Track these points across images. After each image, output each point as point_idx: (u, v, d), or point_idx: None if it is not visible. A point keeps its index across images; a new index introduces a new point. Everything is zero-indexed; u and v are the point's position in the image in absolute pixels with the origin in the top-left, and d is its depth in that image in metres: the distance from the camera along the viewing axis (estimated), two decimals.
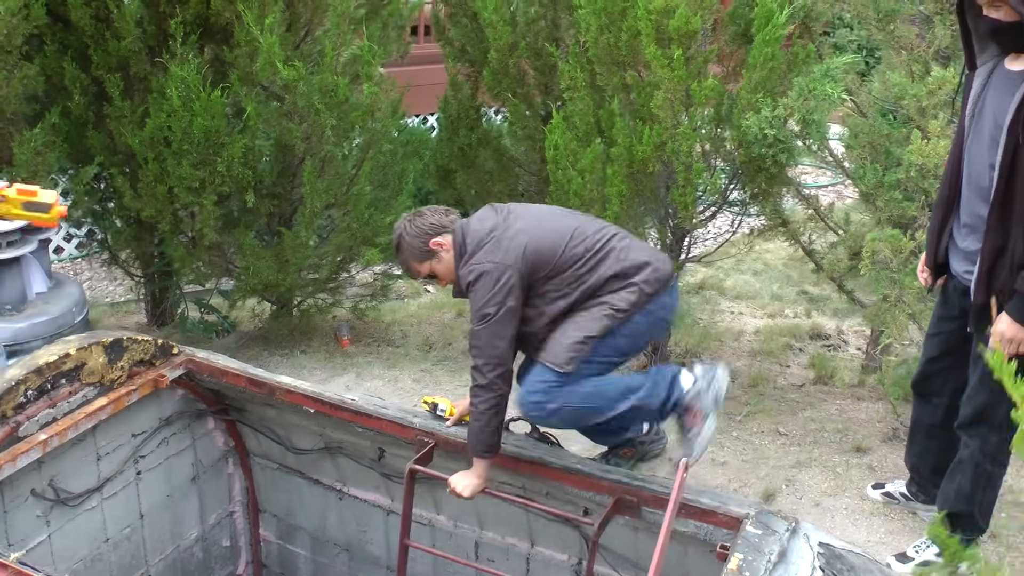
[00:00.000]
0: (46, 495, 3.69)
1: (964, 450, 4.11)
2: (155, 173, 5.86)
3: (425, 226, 3.71)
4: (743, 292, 7.80)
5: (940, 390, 4.33)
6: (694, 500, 3.39)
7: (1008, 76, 3.70)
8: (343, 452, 4.22)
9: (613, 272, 3.62)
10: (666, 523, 2.93)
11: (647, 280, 3.61)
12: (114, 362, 3.88)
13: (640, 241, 3.86)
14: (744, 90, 5.04)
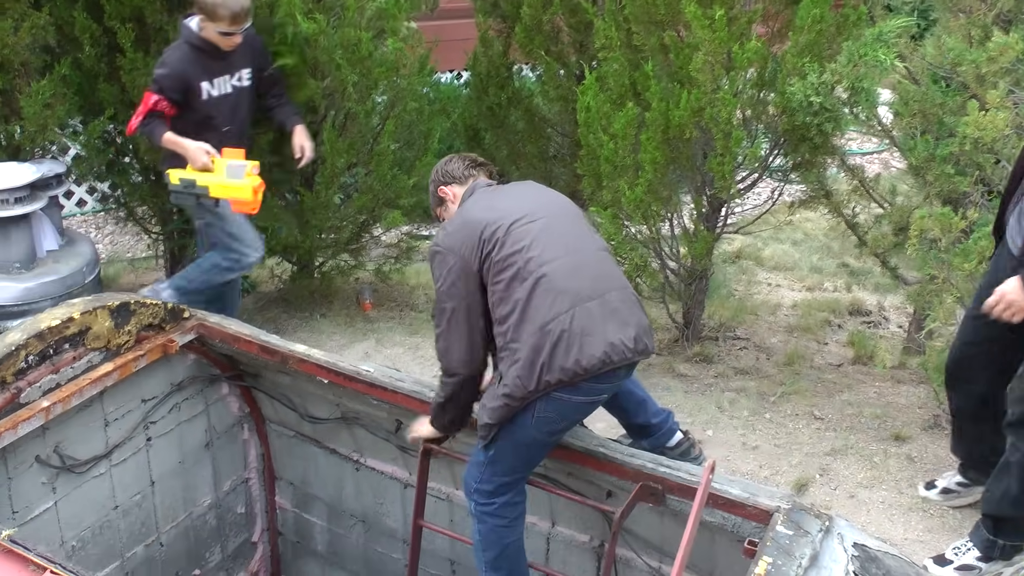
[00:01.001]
0: (51, 462, 3.61)
1: (1013, 453, 3.88)
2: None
3: (445, 170, 3.56)
4: (781, 263, 7.53)
5: (975, 377, 4.13)
6: (723, 490, 3.23)
7: None
8: (359, 423, 4.11)
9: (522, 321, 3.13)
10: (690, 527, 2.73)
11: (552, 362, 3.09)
12: (121, 326, 3.78)
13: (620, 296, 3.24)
14: (790, 53, 4.76)
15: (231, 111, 5.17)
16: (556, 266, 3.13)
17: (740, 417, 5.09)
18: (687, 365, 5.62)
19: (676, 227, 5.51)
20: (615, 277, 3.25)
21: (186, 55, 4.98)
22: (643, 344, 3.16)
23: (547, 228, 3.22)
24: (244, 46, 5.08)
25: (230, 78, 5.13)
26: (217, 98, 5.10)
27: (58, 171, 5.58)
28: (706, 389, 5.38)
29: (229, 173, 4.90)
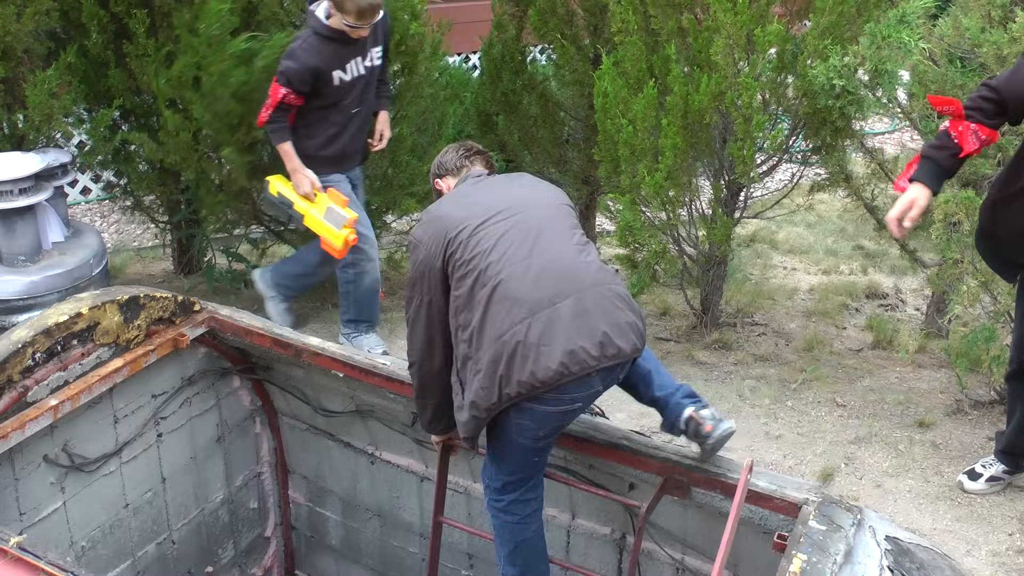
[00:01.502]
0: (60, 461, 3.55)
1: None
2: (177, 121, 5.56)
3: (440, 162, 3.49)
4: (796, 246, 7.46)
5: None
6: (750, 483, 3.13)
7: None
8: (375, 416, 4.05)
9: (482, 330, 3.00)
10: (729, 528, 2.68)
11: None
12: (130, 321, 3.71)
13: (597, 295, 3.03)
14: (811, 36, 4.66)
15: (361, 93, 5.06)
16: (516, 270, 2.99)
17: (762, 405, 5.02)
18: (706, 352, 5.55)
19: (694, 212, 5.43)
20: (589, 275, 3.02)
21: (314, 46, 4.83)
22: (615, 349, 2.92)
23: (515, 227, 3.08)
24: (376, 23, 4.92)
25: (362, 60, 4.99)
26: (349, 82, 4.98)
27: (63, 161, 5.48)
28: (726, 377, 5.31)
29: (329, 216, 4.93)
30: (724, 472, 3.20)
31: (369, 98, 5.14)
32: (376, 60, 5.05)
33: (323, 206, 4.96)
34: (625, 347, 2.94)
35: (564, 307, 2.93)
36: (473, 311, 2.99)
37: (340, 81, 4.91)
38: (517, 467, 3.21)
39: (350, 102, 5.01)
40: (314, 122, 5.03)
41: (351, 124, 5.08)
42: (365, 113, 5.14)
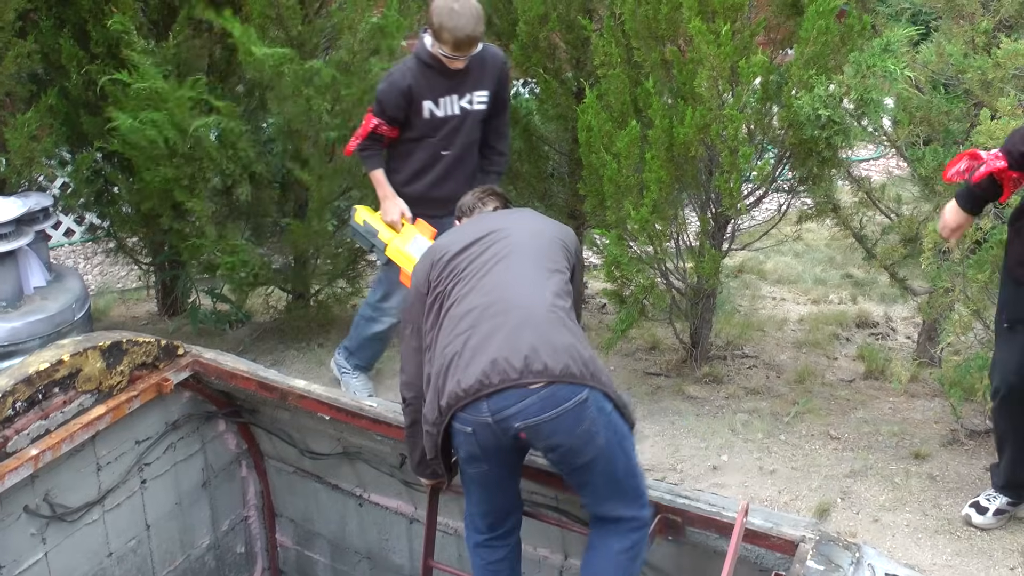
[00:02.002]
0: (41, 511, 3.48)
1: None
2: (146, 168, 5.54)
3: (459, 204, 3.61)
4: (784, 276, 7.42)
5: None
6: (745, 520, 3.09)
7: None
8: (362, 458, 3.99)
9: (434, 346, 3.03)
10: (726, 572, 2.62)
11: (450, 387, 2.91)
12: (113, 367, 3.66)
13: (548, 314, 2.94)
14: (795, 66, 4.63)
15: (453, 134, 4.77)
16: (471, 288, 2.99)
17: (755, 440, 4.95)
18: (697, 386, 5.49)
19: (681, 244, 5.39)
20: (539, 298, 2.93)
21: (411, 69, 4.65)
22: (540, 365, 2.77)
23: (488, 251, 3.09)
24: (484, 64, 4.71)
25: (459, 98, 4.72)
26: (440, 119, 4.73)
27: (45, 204, 5.42)
28: (718, 411, 5.25)
29: (415, 247, 4.61)
30: (719, 511, 3.14)
31: (467, 145, 4.84)
32: (478, 104, 4.77)
33: (409, 236, 4.69)
34: (554, 366, 2.78)
35: (503, 322, 2.87)
36: (433, 329, 3.02)
37: (431, 114, 4.70)
38: (477, 499, 3.14)
39: (439, 141, 4.77)
40: (399, 156, 4.86)
41: (438, 166, 4.81)
42: (458, 159, 4.83)
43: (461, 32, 4.40)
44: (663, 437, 4.97)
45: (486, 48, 4.70)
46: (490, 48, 4.77)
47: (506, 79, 4.90)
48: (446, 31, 4.41)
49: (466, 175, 4.84)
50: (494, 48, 4.82)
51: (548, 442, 2.89)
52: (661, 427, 5.06)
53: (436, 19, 4.43)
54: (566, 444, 2.87)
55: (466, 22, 4.39)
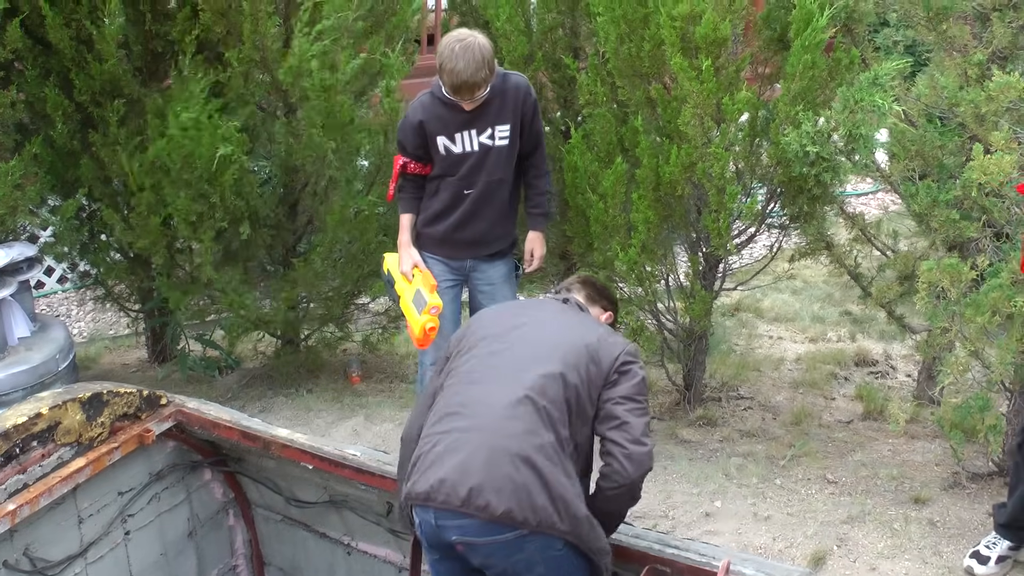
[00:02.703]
0: (20, 566, 3.40)
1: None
2: (149, 203, 5.46)
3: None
4: (782, 314, 7.32)
5: None
6: (737, 571, 3.01)
7: None
8: (348, 506, 3.92)
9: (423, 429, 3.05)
10: None
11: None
12: (93, 419, 3.60)
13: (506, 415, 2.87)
14: (782, 102, 4.55)
15: (474, 172, 4.45)
16: (471, 387, 2.97)
17: (749, 485, 4.83)
18: (690, 430, 5.37)
19: (672, 284, 5.30)
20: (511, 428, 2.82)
21: (424, 103, 4.41)
22: (483, 501, 2.71)
23: (502, 359, 3.01)
24: (505, 95, 4.39)
25: (478, 133, 4.40)
26: (457, 155, 4.43)
27: (29, 254, 5.38)
28: (712, 455, 5.13)
29: (415, 298, 4.45)
30: (708, 561, 3.04)
31: (492, 184, 4.50)
32: (500, 139, 4.42)
33: (412, 289, 4.48)
34: (496, 506, 2.72)
35: (466, 441, 2.83)
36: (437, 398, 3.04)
37: (446, 150, 4.42)
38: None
39: (459, 180, 4.47)
40: (427, 195, 4.61)
41: (461, 206, 4.51)
42: (484, 199, 4.51)
43: (458, 78, 4.15)
44: (655, 483, 4.85)
45: (508, 78, 4.42)
46: (513, 78, 4.45)
47: (532, 110, 4.50)
48: (445, 73, 4.19)
49: (496, 216, 4.56)
50: (517, 77, 4.48)
51: (484, 561, 2.86)
52: (653, 472, 4.84)
53: (439, 59, 4.19)
54: (501, 566, 2.85)
55: (464, 66, 4.12)
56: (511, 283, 4.75)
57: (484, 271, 4.66)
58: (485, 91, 4.25)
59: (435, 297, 4.41)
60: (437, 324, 4.39)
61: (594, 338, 3.03)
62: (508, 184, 4.56)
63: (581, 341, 3.00)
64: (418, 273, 4.51)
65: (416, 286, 4.47)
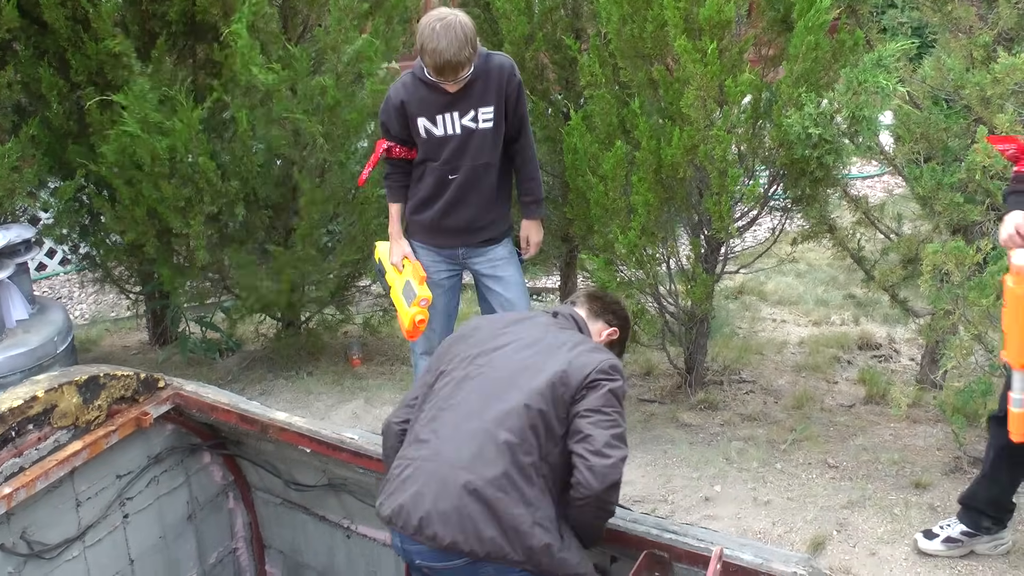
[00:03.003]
0: (17, 549, 3.37)
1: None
2: (130, 196, 5.44)
3: None
4: (785, 297, 7.26)
5: None
6: (734, 556, 2.96)
7: None
8: (347, 489, 3.89)
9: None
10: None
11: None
12: (90, 402, 3.58)
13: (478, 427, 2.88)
14: (785, 84, 4.49)
15: (457, 156, 4.31)
16: (441, 412, 2.96)
17: (750, 469, 4.79)
18: (691, 414, 5.33)
19: (673, 268, 5.25)
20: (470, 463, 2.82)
21: (406, 84, 4.26)
22: (431, 531, 2.74)
23: (473, 379, 3.00)
24: (488, 76, 4.23)
25: (460, 116, 4.25)
26: (439, 138, 4.29)
27: (27, 236, 5.34)
28: (712, 439, 5.09)
29: (404, 290, 4.39)
30: (707, 546, 2.99)
31: (477, 168, 4.36)
32: (484, 122, 4.28)
33: (402, 280, 4.41)
34: (442, 537, 2.75)
35: (424, 470, 2.85)
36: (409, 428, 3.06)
37: (427, 133, 4.27)
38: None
39: (443, 164, 4.33)
40: (412, 182, 4.50)
41: (447, 193, 4.38)
42: (469, 184, 4.38)
43: (440, 57, 3.99)
44: (654, 467, 4.82)
45: (491, 58, 4.25)
46: (496, 58, 4.28)
47: (516, 92, 4.33)
48: (427, 54, 4.03)
49: (483, 202, 4.43)
50: (501, 57, 4.29)
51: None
52: (653, 456, 4.91)
53: (419, 39, 4.04)
54: None
55: (447, 45, 3.97)
56: (514, 264, 4.61)
57: (481, 255, 4.56)
58: (469, 71, 4.12)
59: (424, 289, 4.38)
60: (427, 316, 4.38)
61: (569, 358, 2.99)
62: (495, 168, 4.42)
63: (554, 366, 2.96)
64: (408, 264, 4.46)
65: (406, 277, 4.43)
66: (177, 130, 5.20)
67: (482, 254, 4.55)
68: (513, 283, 4.57)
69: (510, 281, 4.56)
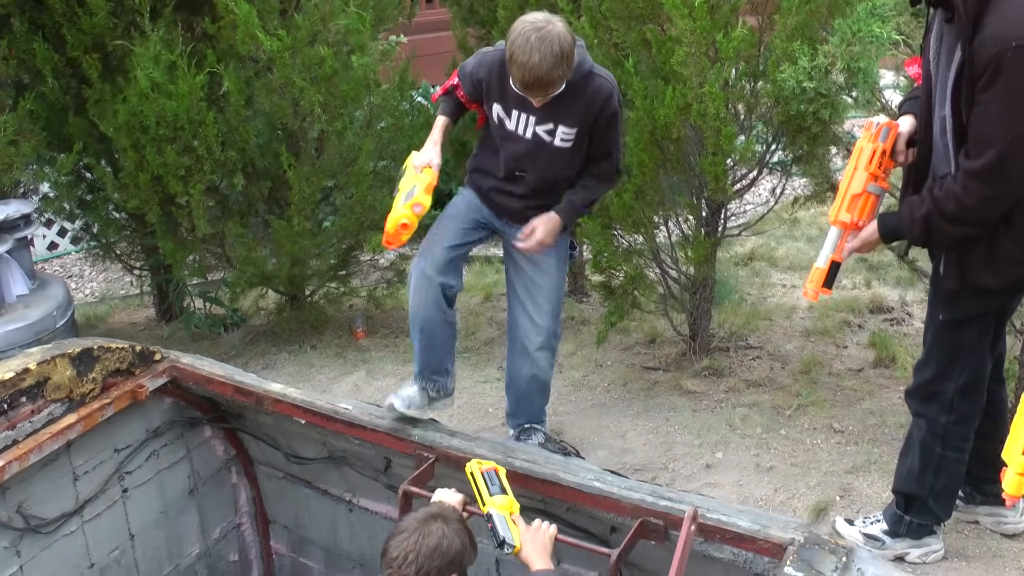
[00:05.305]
0: (14, 524, 3.40)
1: (915, 427, 3.72)
2: (135, 161, 5.40)
3: None
4: (796, 262, 7.15)
5: None
6: (731, 523, 2.97)
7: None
8: (347, 462, 3.90)
9: None
10: None
11: None
12: (84, 374, 3.60)
13: None
14: (778, 38, 4.39)
15: (526, 160, 3.94)
16: None
17: (753, 435, 4.71)
18: (695, 381, 5.25)
19: (675, 233, 5.17)
20: None
21: (493, 63, 3.87)
22: None
23: None
24: (579, 97, 3.83)
25: (536, 123, 3.86)
26: (510, 132, 3.92)
27: (25, 211, 5.35)
28: (716, 406, 5.01)
29: (407, 192, 3.83)
30: (703, 512, 2.98)
31: (545, 179, 3.98)
32: (562, 140, 3.88)
33: (412, 182, 3.87)
34: None
35: None
36: None
37: (499, 120, 3.93)
38: None
39: (504, 161, 4.00)
40: (482, 140, 4.18)
41: (513, 184, 4.02)
42: (539, 188, 4.01)
43: (531, 74, 3.58)
44: (656, 435, 4.75)
45: (592, 77, 3.83)
46: (597, 80, 3.84)
47: (608, 120, 3.91)
48: (515, 65, 3.60)
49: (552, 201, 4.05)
50: (603, 80, 3.86)
51: None
52: (655, 424, 4.85)
53: (509, 47, 3.61)
54: None
55: (539, 61, 3.54)
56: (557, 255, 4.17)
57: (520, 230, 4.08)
58: (559, 89, 3.74)
59: (425, 196, 3.86)
60: (413, 225, 3.81)
61: None
62: (568, 181, 4.05)
63: None
64: (428, 172, 3.91)
65: (415, 182, 3.89)
66: (181, 94, 5.18)
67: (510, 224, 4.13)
68: (546, 270, 4.15)
69: (544, 267, 4.13)
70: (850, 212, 3.41)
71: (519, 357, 4.21)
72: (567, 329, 5.94)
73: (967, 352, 3.49)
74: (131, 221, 6.11)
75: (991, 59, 2.94)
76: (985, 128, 3.04)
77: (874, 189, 3.39)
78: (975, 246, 3.26)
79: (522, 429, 4.31)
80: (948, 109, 3.16)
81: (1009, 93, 2.96)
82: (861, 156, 3.37)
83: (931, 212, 3.21)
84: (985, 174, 3.07)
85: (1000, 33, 2.94)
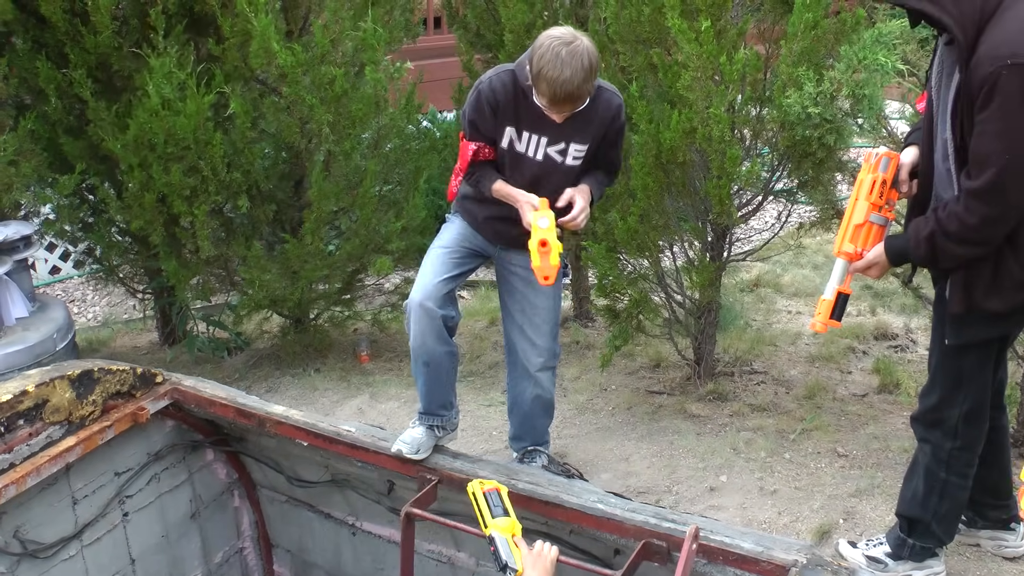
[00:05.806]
0: (11, 548, 3.38)
1: (920, 452, 3.68)
2: (140, 181, 5.40)
3: None
4: (802, 289, 7.15)
5: None
6: (734, 545, 2.99)
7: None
8: (350, 485, 3.91)
9: None
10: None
11: None
12: (84, 397, 3.57)
13: None
14: (784, 63, 4.40)
15: (533, 185, 3.79)
16: None
17: (757, 459, 4.69)
18: (699, 404, 5.23)
19: (679, 257, 5.17)
20: None
21: (505, 85, 3.71)
22: None
23: None
24: (591, 114, 3.73)
25: (547, 143, 3.76)
26: (519, 155, 3.79)
27: (25, 233, 5.33)
28: (720, 430, 4.99)
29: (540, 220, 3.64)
30: (707, 535, 3.00)
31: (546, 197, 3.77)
32: (572, 159, 3.80)
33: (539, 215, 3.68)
34: None
35: None
36: None
37: (510, 144, 3.80)
38: None
39: (516, 182, 3.83)
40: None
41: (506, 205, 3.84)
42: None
43: (562, 88, 3.46)
44: (660, 458, 4.73)
45: (600, 91, 3.74)
46: (605, 93, 3.77)
47: (616, 134, 3.87)
48: (544, 81, 3.48)
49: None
50: (610, 94, 3.79)
51: None
52: (659, 447, 4.83)
53: (537, 63, 3.48)
54: None
55: (571, 75, 3.43)
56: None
57: (521, 254, 3.93)
58: (584, 104, 3.66)
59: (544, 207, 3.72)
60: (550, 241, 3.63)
61: None
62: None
63: None
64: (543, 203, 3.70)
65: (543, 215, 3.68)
66: (188, 113, 5.18)
67: (523, 253, 3.88)
68: (542, 290, 3.97)
69: (540, 287, 3.86)
70: (853, 243, 3.42)
71: (521, 379, 4.18)
72: (572, 353, 5.94)
73: (970, 379, 3.47)
74: (134, 243, 6.09)
75: (987, 78, 2.94)
76: (984, 147, 3.04)
77: (877, 219, 3.39)
78: (981, 269, 3.25)
79: (526, 451, 4.29)
80: (949, 132, 3.17)
81: (1006, 111, 2.96)
82: (862, 187, 3.40)
83: (935, 232, 3.20)
84: (985, 194, 3.07)
85: (995, 51, 2.94)
